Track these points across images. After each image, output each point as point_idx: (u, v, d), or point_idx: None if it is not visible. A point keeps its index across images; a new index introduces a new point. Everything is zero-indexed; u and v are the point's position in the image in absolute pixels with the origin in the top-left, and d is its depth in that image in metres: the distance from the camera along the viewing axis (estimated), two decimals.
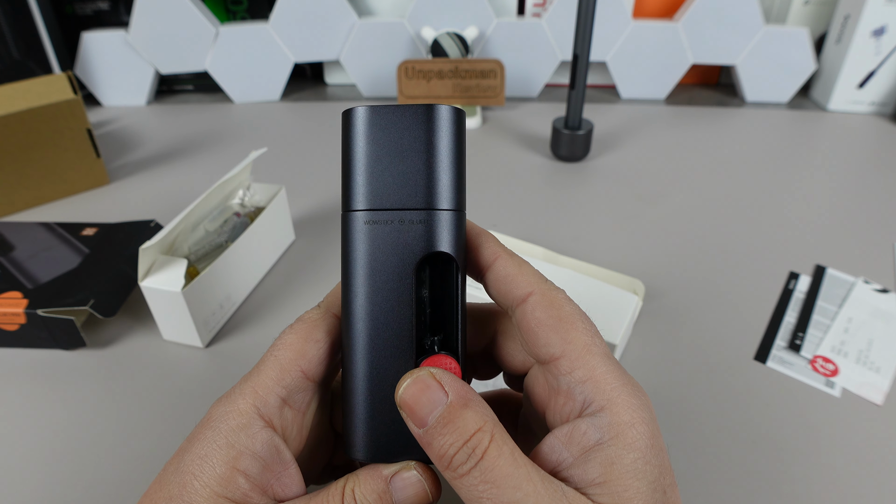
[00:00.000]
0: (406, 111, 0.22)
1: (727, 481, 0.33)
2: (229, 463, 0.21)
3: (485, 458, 0.19)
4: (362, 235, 0.22)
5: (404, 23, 0.81)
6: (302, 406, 0.23)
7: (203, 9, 0.80)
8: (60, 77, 0.60)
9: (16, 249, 0.49)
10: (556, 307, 0.22)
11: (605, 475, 0.19)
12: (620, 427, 0.20)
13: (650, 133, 0.75)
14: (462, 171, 0.23)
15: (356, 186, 0.22)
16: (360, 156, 0.22)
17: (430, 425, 0.20)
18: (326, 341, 0.23)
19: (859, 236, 0.54)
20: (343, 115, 0.23)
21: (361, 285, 0.22)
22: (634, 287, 0.43)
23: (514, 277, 0.23)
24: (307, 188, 0.63)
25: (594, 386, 0.21)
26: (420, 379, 0.20)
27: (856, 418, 0.37)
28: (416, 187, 0.22)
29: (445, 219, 0.22)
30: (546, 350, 0.22)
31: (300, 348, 0.23)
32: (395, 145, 0.22)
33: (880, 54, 0.75)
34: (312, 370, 0.23)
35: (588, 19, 0.58)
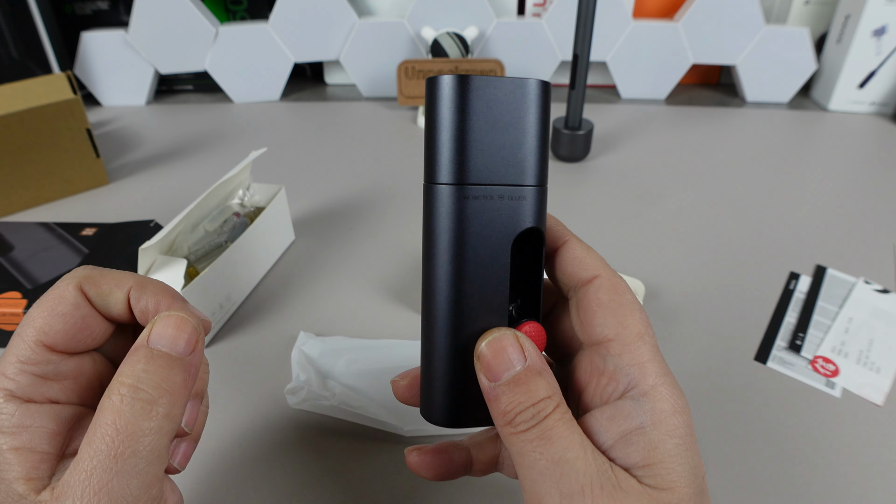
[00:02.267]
0: (508, 84, 0.22)
1: (727, 481, 0.33)
2: (9, 446, 0.20)
3: (546, 420, 0.20)
4: (460, 210, 0.22)
5: (404, 23, 0.81)
6: (70, 374, 0.23)
7: (203, 9, 0.80)
8: (60, 77, 0.60)
9: (15, 249, 0.49)
10: (618, 293, 0.23)
11: (648, 458, 0.20)
12: (663, 414, 0.20)
13: (650, 133, 0.75)
14: (549, 146, 0.23)
15: (455, 159, 0.22)
16: (460, 127, 0.22)
17: (502, 381, 0.21)
18: (72, 315, 0.22)
19: (860, 236, 0.54)
20: (432, 81, 0.22)
21: (456, 258, 0.22)
22: (634, 287, 0.43)
23: (584, 260, 0.24)
24: (307, 188, 0.63)
25: (640, 371, 0.21)
26: (505, 336, 0.22)
27: (856, 419, 0.37)
28: (519, 164, 0.22)
29: (540, 195, 0.23)
30: (601, 331, 0.22)
31: (41, 323, 0.22)
32: (499, 118, 0.22)
33: (881, 54, 0.75)
34: (58, 342, 0.22)
35: (588, 19, 0.58)
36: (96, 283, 0.23)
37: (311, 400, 0.36)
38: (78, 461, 0.20)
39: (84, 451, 0.20)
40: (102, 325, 0.24)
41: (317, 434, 0.36)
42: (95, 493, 0.19)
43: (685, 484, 0.20)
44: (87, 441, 0.20)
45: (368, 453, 0.35)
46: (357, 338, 0.41)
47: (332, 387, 0.37)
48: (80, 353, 0.23)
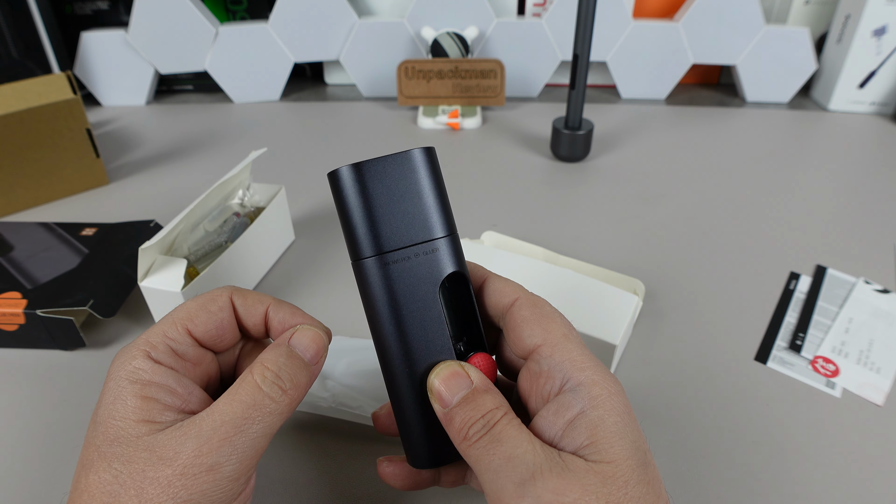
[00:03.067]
0: (395, 161, 0.25)
1: (727, 481, 0.33)
2: (136, 394, 0.24)
3: (496, 426, 0.23)
4: (386, 275, 0.25)
5: (404, 23, 0.81)
6: (194, 359, 0.27)
7: (203, 9, 0.80)
8: (60, 77, 0.60)
9: (15, 249, 0.49)
10: (538, 306, 0.26)
11: (592, 436, 0.22)
12: (600, 397, 0.23)
13: (650, 133, 0.75)
14: (447, 199, 0.26)
15: (370, 234, 0.25)
16: (366, 207, 0.25)
17: (453, 404, 0.23)
18: (218, 314, 0.27)
19: (860, 236, 0.54)
20: (334, 175, 0.25)
21: (395, 318, 0.25)
22: (634, 287, 0.43)
23: (502, 289, 0.27)
24: (307, 188, 0.63)
25: (571, 365, 0.24)
26: (449, 366, 0.25)
27: (856, 419, 0.37)
28: (424, 222, 0.25)
29: (452, 242, 0.26)
30: (530, 340, 0.25)
31: (192, 312, 0.27)
32: (396, 189, 0.25)
33: (881, 54, 0.75)
34: (199, 332, 0.27)
35: (588, 19, 0.58)
36: (244, 295, 0.28)
37: (309, 402, 0.36)
38: (212, 412, 0.24)
39: (221, 406, 0.24)
40: (233, 334, 0.28)
41: (316, 435, 0.36)
42: (220, 440, 0.23)
43: (627, 456, 0.22)
44: (225, 399, 0.24)
45: (368, 453, 0.35)
46: (357, 338, 0.41)
47: (330, 387, 0.37)
48: (206, 349, 0.28)
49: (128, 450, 0.22)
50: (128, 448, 0.23)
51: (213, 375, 0.28)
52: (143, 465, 0.22)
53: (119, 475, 0.22)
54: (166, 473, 0.22)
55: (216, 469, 0.22)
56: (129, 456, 0.22)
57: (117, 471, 0.22)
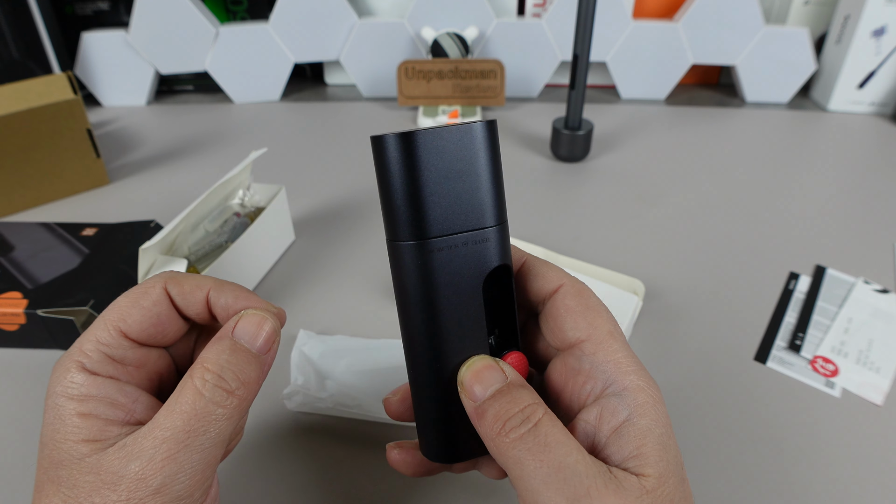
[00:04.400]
0: (452, 133, 0.22)
1: (727, 481, 0.33)
2: (74, 412, 0.22)
3: (539, 425, 0.21)
4: (427, 264, 0.22)
5: (404, 23, 0.81)
6: (135, 362, 0.25)
7: (203, 9, 0.80)
8: (60, 77, 0.60)
9: (16, 249, 0.49)
10: (584, 297, 0.24)
11: (640, 447, 0.21)
12: (646, 405, 0.22)
13: (650, 133, 0.75)
14: (503, 183, 0.24)
15: (414, 216, 0.22)
16: (412, 185, 0.22)
17: (486, 397, 0.22)
18: (152, 309, 0.25)
19: (859, 236, 0.54)
20: (379, 142, 0.22)
21: (430, 310, 0.23)
22: (634, 287, 0.43)
23: (545, 274, 0.25)
24: (307, 188, 0.63)
25: (616, 367, 0.22)
26: (482, 359, 0.23)
27: (856, 418, 0.37)
28: (477, 208, 0.23)
29: (502, 232, 0.23)
30: (573, 333, 0.23)
31: (123, 311, 0.24)
32: (450, 168, 0.22)
33: (880, 54, 0.75)
34: (134, 332, 0.24)
35: (588, 19, 0.58)
36: (179, 283, 0.25)
37: (308, 402, 0.36)
38: (153, 428, 0.22)
39: (161, 421, 0.22)
40: (176, 325, 0.26)
41: (316, 435, 0.36)
42: (163, 459, 0.21)
43: (672, 472, 0.21)
44: (165, 412, 0.22)
45: (368, 453, 0.35)
46: (357, 338, 0.41)
47: (329, 387, 0.37)
48: (149, 346, 0.25)
49: (73, 473, 0.21)
50: (72, 471, 0.21)
51: (165, 372, 0.26)
52: (89, 490, 0.21)
53: (68, 500, 0.21)
54: (112, 499, 0.21)
55: (164, 490, 0.21)
56: (74, 480, 0.21)
57: (65, 496, 0.21)
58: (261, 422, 0.37)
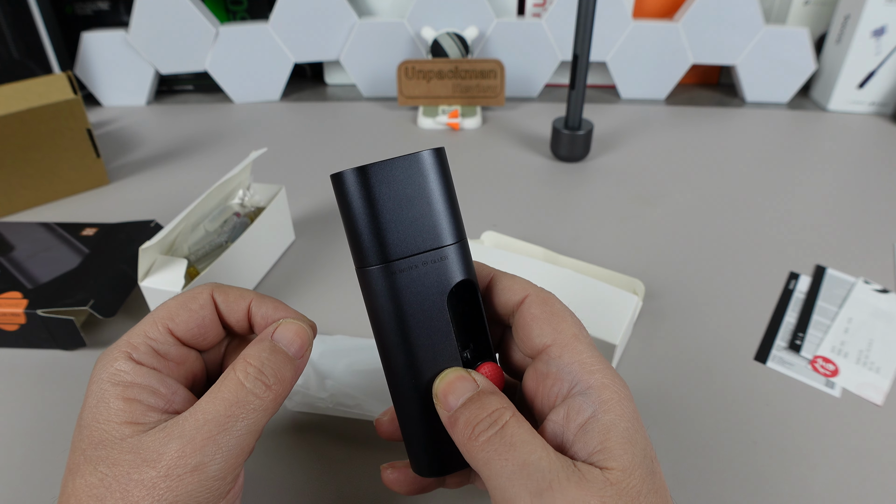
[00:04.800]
0: (403, 163, 0.24)
1: (727, 481, 0.33)
2: (119, 396, 0.24)
3: (506, 427, 0.22)
4: (393, 285, 0.24)
5: (404, 23, 0.81)
6: (177, 358, 0.27)
7: (203, 9, 0.80)
8: (60, 77, 0.60)
9: (15, 249, 0.49)
10: (548, 304, 0.25)
11: (604, 442, 0.22)
12: (610, 401, 0.22)
13: (650, 133, 0.75)
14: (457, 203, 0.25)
15: (375, 242, 0.24)
16: (372, 213, 0.23)
17: (458, 405, 0.23)
18: (199, 312, 0.27)
19: (859, 236, 0.54)
20: (338, 178, 0.24)
21: (401, 328, 0.24)
22: (634, 287, 0.43)
23: (511, 287, 0.26)
24: (307, 188, 0.63)
25: (581, 367, 0.23)
26: (453, 371, 0.24)
27: (856, 419, 0.37)
28: (433, 229, 0.24)
29: (461, 249, 0.25)
30: (540, 339, 0.25)
31: (172, 311, 0.27)
32: (404, 194, 0.24)
33: (880, 54, 0.75)
34: (180, 331, 0.27)
35: (588, 19, 0.58)
36: (225, 292, 0.28)
37: (308, 402, 0.36)
38: (195, 412, 0.23)
39: (203, 405, 0.23)
40: (216, 331, 0.28)
41: (316, 435, 0.36)
42: (203, 439, 0.23)
43: (637, 464, 0.21)
44: (208, 398, 0.24)
45: (367, 453, 0.35)
46: (357, 338, 0.41)
47: (329, 387, 0.37)
48: (189, 347, 0.27)
49: (112, 452, 0.22)
50: (112, 451, 0.23)
51: (199, 374, 0.28)
52: (128, 468, 0.22)
53: (105, 478, 0.22)
54: (150, 475, 0.22)
55: (201, 469, 0.22)
56: (114, 459, 0.22)
57: (103, 474, 0.22)
58: None
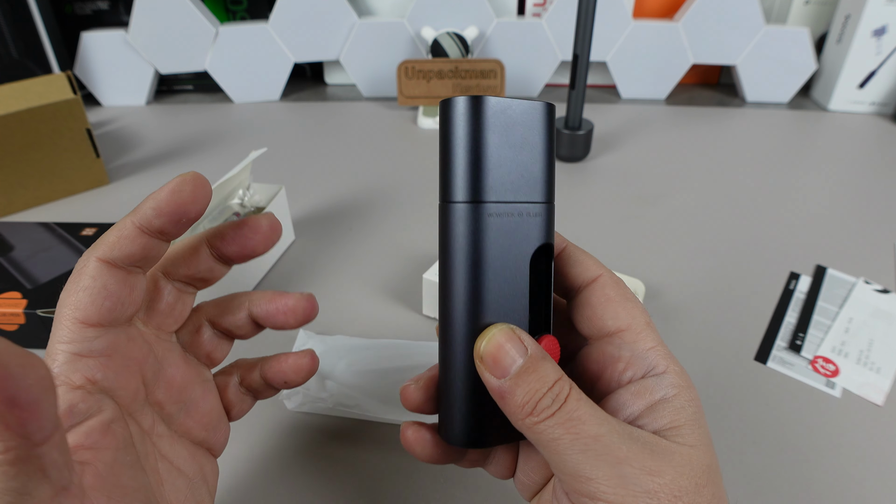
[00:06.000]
0: (525, 106, 0.23)
1: (727, 481, 0.33)
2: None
3: (568, 401, 0.21)
4: (483, 227, 0.22)
5: (404, 23, 0.81)
6: (104, 351, 0.23)
7: (203, 9, 0.80)
8: (60, 77, 0.60)
9: (15, 249, 0.49)
10: (622, 288, 0.25)
11: (675, 421, 0.22)
12: (681, 387, 0.23)
13: (650, 133, 0.75)
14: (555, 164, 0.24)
15: (477, 177, 0.22)
16: (483, 146, 0.22)
17: (511, 374, 0.21)
18: (95, 284, 0.22)
19: (860, 236, 0.54)
20: (451, 103, 0.22)
21: (477, 276, 0.23)
22: (634, 287, 0.43)
23: (584, 262, 0.25)
24: (307, 188, 0.63)
25: (656, 354, 0.23)
26: (500, 331, 0.22)
27: (856, 419, 0.37)
28: (533, 181, 0.23)
29: (551, 212, 0.24)
30: (613, 322, 0.24)
31: (69, 301, 0.22)
32: (513, 138, 0.23)
33: (881, 54, 0.75)
34: (92, 316, 0.22)
35: (588, 19, 0.58)
36: (102, 242, 0.23)
37: (308, 402, 0.36)
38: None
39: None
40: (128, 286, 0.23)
41: (316, 435, 0.36)
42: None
43: (706, 443, 0.22)
44: None
45: (367, 453, 0.35)
46: (357, 338, 0.41)
47: (329, 387, 0.37)
48: (114, 327, 0.23)
49: None
50: None
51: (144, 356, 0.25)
52: None
53: None
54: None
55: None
56: None
57: None
58: (261, 422, 0.37)
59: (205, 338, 0.28)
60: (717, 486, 0.21)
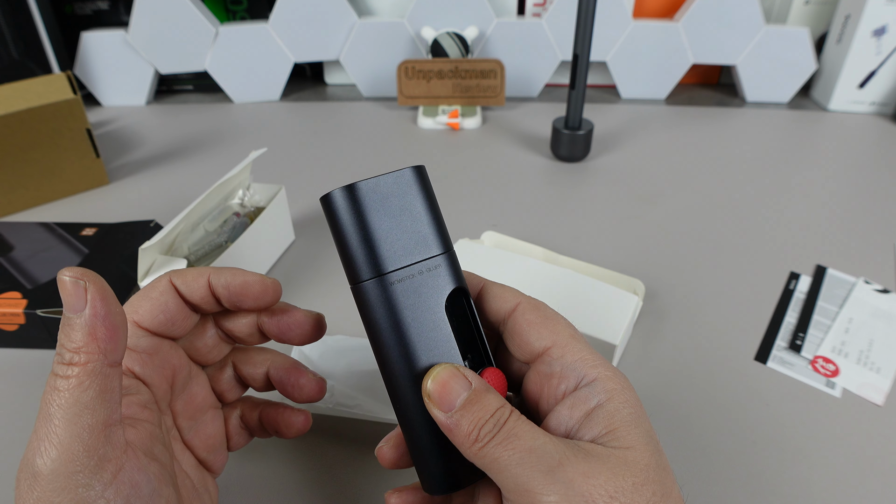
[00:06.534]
0: (388, 180, 0.25)
1: (727, 481, 0.33)
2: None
3: (507, 423, 0.22)
4: (391, 295, 0.24)
5: (404, 23, 0.81)
6: (148, 349, 0.26)
7: (203, 9, 0.80)
8: (60, 77, 0.60)
9: (15, 249, 0.49)
10: (542, 310, 0.26)
11: (609, 426, 0.22)
12: (614, 391, 0.23)
13: (650, 133, 0.75)
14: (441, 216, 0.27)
15: (370, 255, 0.24)
16: (364, 228, 0.24)
17: (457, 407, 0.23)
18: (160, 299, 0.27)
19: (860, 236, 0.54)
20: (328, 199, 0.24)
21: (403, 339, 0.24)
22: (634, 287, 0.43)
23: (502, 295, 0.27)
24: (307, 188, 0.63)
25: (584, 363, 0.24)
26: (445, 369, 0.24)
27: (856, 419, 0.37)
28: (423, 239, 0.25)
29: (451, 258, 0.26)
30: (539, 343, 0.25)
31: (135, 304, 0.27)
32: (391, 208, 0.25)
33: (881, 54, 0.75)
34: (145, 321, 0.26)
35: (588, 19, 0.58)
36: (183, 274, 0.27)
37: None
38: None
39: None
40: (184, 315, 0.27)
41: (316, 435, 0.36)
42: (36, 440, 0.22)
43: (644, 443, 0.22)
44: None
45: (368, 453, 0.35)
46: (357, 338, 0.41)
47: (330, 387, 0.37)
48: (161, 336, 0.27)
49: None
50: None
51: (178, 365, 0.28)
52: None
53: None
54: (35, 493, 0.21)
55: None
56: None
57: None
58: None
59: (224, 377, 0.30)
60: (659, 484, 0.22)
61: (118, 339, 0.22)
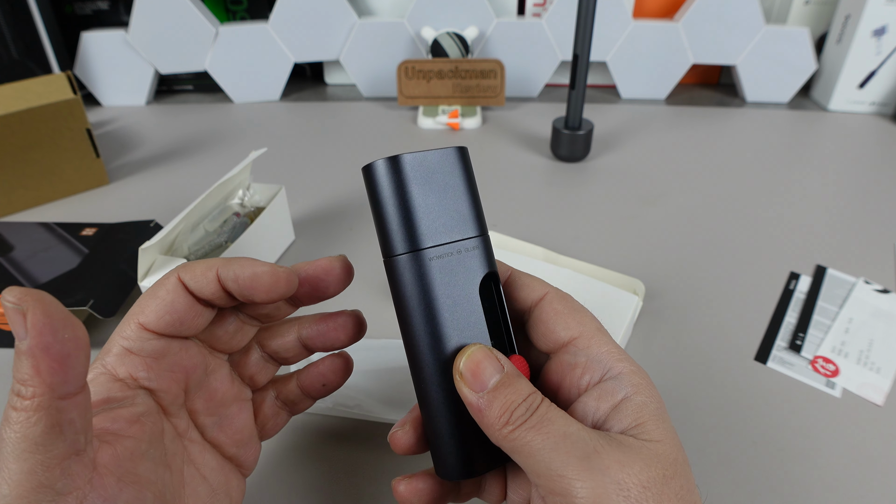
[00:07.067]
0: (433, 156, 0.25)
1: (727, 481, 0.33)
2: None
3: (539, 408, 0.22)
4: (427, 272, 0.24)
5: (404, 23, 0.81)
6: (153, 353, 0.25)
7: (203, 9, 0.80)
8: (60, 77, 0.60)
9: (15, 249, 0.49)
10: (569, 301, 0.26)
11: (638, 419, 0.23)
12: (641, 385, 0.24)
13: (650, 133, 0.75)
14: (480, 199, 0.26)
15: (409, 229, 0.24)
16: (405, 201, 0.24)
17: (489, 388, 0.23)
18: (166, 297, 0.25)
19: (860, 236, 0.54)
20: (373, 168, 0.24)
21: (433, 317, 0.24)
22: (634, 287, 0.43)
23: (530, 284, 0.27)
24: (307, 188, 0.63)
25: (610, 356, 0.25)
26: (478, 350, 0.24)
27: (856, 419, 0.37)
28: (464, 219, 0.25)
29: (486, 242, 0.26)
30: (565, 333, 0.25)
31: (141, 304, 0.25)
32: (434, 185, 0.25)
33: (881, 54, 0.75)
34: (151, 322, 0.25)
35: (588, 19, 0.58)
36: (191, 268, 0.26)
37: None
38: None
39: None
40: (195, 312, 0.26)
41: (316, 435, 0.36)
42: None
43: (671, 437, 0.23)
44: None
45: (368, 453, 0.35)
46: None
47: None
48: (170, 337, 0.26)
49: None
50: None
51: (191, 365, 0.26)
52: None
53: None
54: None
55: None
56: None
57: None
58: None
59: (252, 359, 0.29)
60: (686, 479, 0.22)
61: (67, 370, 0.19)
